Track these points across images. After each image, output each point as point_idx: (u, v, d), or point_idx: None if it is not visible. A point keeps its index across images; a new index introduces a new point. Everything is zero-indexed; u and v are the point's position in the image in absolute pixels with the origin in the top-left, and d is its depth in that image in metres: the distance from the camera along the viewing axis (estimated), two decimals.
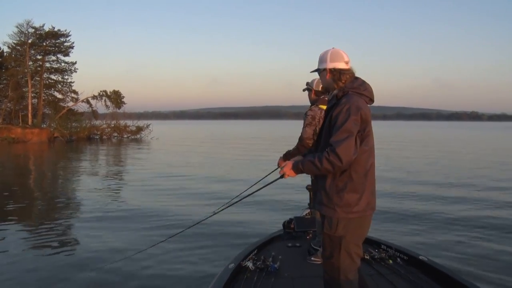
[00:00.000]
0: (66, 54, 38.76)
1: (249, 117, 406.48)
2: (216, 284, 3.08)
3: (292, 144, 3.96)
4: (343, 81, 2.48)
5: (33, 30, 36.66)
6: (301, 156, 2.72)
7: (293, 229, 4.46)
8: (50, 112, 38.22)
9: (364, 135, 2.36)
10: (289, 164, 2.52)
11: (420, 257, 3.54)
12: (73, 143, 31.93)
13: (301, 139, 3.79)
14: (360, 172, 2.38)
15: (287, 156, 3.84)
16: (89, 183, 11.82)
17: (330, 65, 2.50)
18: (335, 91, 2.49)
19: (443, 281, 3.16)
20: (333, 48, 2.56)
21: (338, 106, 2.37)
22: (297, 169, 2.46)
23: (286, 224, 4.50)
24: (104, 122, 39.15)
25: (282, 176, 2.55)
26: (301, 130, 3.83)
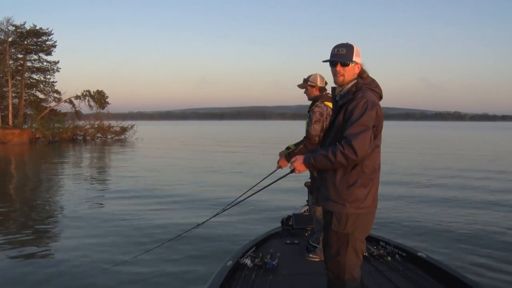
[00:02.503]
0: (48, 53, 37.75)
1: (235, 118, 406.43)
2: (214, 281, 3.06)
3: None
4: (364, 78, 2.46)
5: (14, 28, 35.65)
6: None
7: (291, 226, 4.44)
8: (31, 112, 37.26)
9: (377, 131, 2.36)
10: (299, 158, 2.45)
11: (419, 254, 3.54)
12: (56, 144, 31.23)
13: (309, 136, 3.63)
14: (371, 167, 2.37)
15: (291, 154, 3.65)
16: (70, 186, 11.44)
17: (361, 61, 2.48)
18: (348, 86, 2.45)
19: (441, 278, 3.16)
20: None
21: (354, 101, 2.33)
22: (309, 164, 2.40)
23: (285, 221, 4.49)
24: (88, 123, 38.44)
25: (292, 171, 2.49)
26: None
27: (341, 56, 2.43)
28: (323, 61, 2.50)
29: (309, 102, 3.88)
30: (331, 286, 2.48)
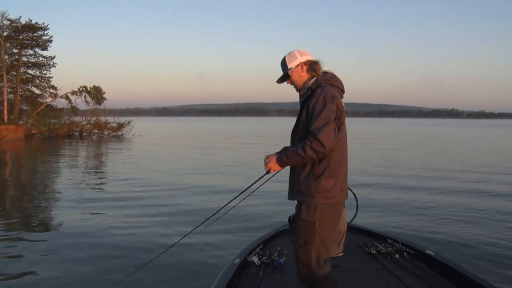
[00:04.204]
0: (44, 48, 37.45)
1: (232, 114, 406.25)
2: (221, 279, 3.07)
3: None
4: (318, 71, 2.58)
5: (9, 22, 35.29)
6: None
7: None
8: (27, 108, 36.93)
9: (339, 123, 2.48)
10: (273, 158, 2.56)
11: (427, 251, 3.51)
12: (52, 140, 30.94)
13: None
14: (336, 159, 2.50)
15: None
16: (66, 183, 11.22)
17: (303, 59, 2.60)
18: (309, 83, 2.58)
19: (450, 276, 3.13)
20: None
21: (314, 97, 2.47)
22: (282, 162, 2.52)
23: (292, 219, 4.39)
24: (84, 119, 38.17)
25: (268, 172, 2.61)
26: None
27: (282, 72, 2.66)
28: (277, 82, 2.71)
29: None
30: (302, 278, 2.56)
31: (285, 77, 2.66)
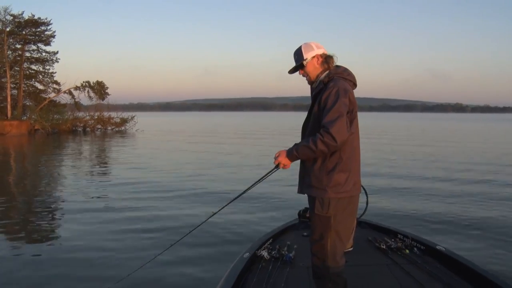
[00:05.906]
0: (47, 44, 37.37)
1: (236, 109, 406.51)
2: (231, 273, 3.07)
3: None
4: (331, 65, 2.57)
5: (11, 17, 35.22)
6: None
7: (308, 218, 4.29)
8: (30, 103, 36.94)
9: (352, 116, 2.46)
10: (283, 153, 2.54)
11: (438, 247, 3.48)
12: (55, 136, 30.96)
13: None
14: (348, 152, 2.47)
15: None
16: (70, 179, 11.15)
17: (319, 51, 2.58)
18: (322, 77, 2.56)
19: (460, 271, 3.10)
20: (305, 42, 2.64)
21: (327, 90, 2.45)
22: (292, 156, 2.50)
23: (301, 213, 4.41)
24: (88, 114, 38.17)
25: (277, 166, 2.58)
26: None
27: (295, 62, 2.62)
28: (289, 73, 2.67)
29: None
30: (316, 271, 2.55)
31: (298, 67, 2.62)
